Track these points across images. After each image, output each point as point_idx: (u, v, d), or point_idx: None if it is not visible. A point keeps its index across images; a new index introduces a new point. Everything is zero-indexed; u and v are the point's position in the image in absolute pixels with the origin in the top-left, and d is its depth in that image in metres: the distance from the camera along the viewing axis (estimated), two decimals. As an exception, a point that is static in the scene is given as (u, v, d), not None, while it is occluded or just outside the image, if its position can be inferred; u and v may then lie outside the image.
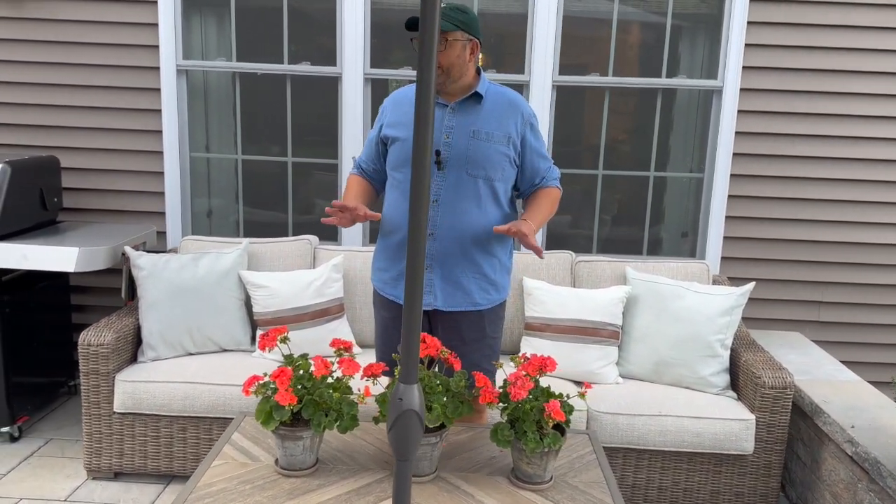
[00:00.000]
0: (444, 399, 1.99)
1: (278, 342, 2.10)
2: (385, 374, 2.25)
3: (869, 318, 3.68)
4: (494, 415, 2.65)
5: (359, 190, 2.42)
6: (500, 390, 2.00)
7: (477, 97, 2.26)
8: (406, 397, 1.31)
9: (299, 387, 1.99)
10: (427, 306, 2.32)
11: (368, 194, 2.45)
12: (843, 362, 3.61)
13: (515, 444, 1.97)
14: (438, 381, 2.00)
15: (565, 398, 2.02)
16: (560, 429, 2.01)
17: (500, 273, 2.38)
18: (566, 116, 3.64)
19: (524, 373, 1.99)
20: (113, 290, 3.75)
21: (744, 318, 3.68)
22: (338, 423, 1.97)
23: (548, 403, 1.93)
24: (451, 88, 2.25)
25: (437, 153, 2.22)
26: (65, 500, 2.76)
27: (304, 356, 2.08)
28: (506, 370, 2.79)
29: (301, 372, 2.03)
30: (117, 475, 2.95)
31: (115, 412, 2.86)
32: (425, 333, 2.06)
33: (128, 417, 2.86)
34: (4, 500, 2.74)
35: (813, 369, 3.09)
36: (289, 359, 2.08)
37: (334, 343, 2.13)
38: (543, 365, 2.00)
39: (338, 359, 2.05)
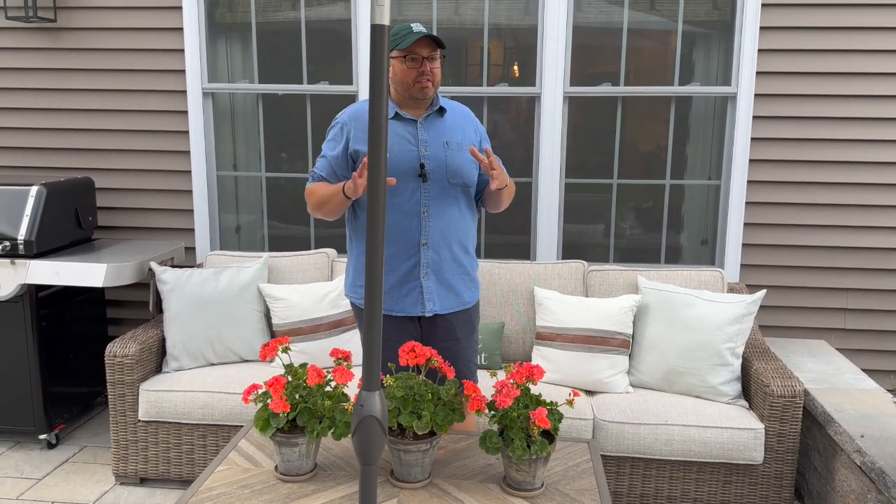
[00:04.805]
0: (434, 407, 2.05)
1: (279, 352, 2.19)
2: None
3: (897, 325, 3.58)
4: (484, 422, 2.70)
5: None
6: (489, 398, 2.05)
7: (441, 111, 2.39)
8: (367, 404, 1.37)
9: (296, 395, 2.08)
10: (429, 312, 2.40)
11: None
12: (870, 371, 3.53)
13: (504, 452, 2.01)
14: (428, 390, 2.06)
15: (554, 406, 2.05)
16: (549, 436, 2.04)
17: (475, 269, 2.54)
18: (579, 126, 3.66)
19: (511, 381, 2.03)
20: (146, 303, 3.92)
21: (768, 327, 3.63)
22: (332, 431, 2.05)
23: (534, 411, 1.96)
24: (422, 103, 2.34)
25: (422, 166, 2.30)
26: (93, 504, 2.91)
27: (303, 366, 2.17)
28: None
29: (300, 381, 2.12)
30: (143, 481, 3.09)
31: (139, 420, 3.00)
32: (416, 343, 2.12)
33: (152, 425, 3.00)
34: (38, 504, 2.90)
35: (831, 378, 3.03)
36: (289, 368, 2.17)
37: (333, 353, 2.20)
38: (531, 373, 2.04)
39: (334, 367, 2.13)
